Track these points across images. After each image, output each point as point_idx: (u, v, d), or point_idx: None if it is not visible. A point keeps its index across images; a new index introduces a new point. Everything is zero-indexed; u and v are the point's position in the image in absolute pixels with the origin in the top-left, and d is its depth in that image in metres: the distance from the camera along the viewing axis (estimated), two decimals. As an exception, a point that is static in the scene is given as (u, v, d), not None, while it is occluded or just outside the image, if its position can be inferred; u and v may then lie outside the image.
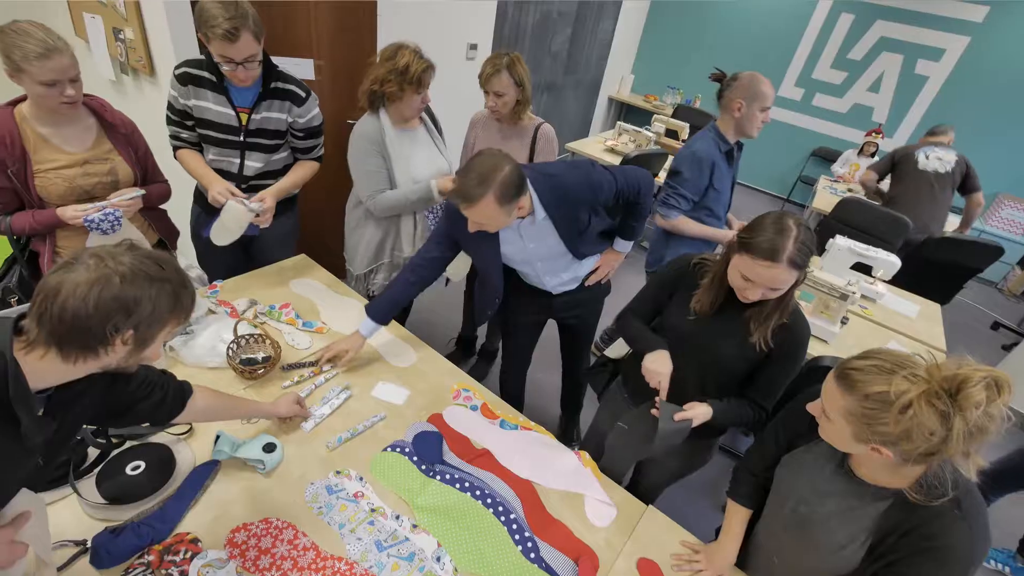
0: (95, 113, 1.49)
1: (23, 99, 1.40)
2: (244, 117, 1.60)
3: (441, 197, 1.82)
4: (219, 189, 1.56)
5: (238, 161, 1.67)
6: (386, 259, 1.94)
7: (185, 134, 1.64)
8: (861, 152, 4.57)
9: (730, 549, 1.15)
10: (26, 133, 1.38)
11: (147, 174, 1.62)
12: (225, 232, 1.61)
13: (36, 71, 1.26)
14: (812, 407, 0.90)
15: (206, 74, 1.54)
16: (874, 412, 0.76)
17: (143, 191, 1.52)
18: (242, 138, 1.63)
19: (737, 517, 1.16)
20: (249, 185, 1.72)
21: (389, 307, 1.53)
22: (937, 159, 3.14)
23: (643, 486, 1.66)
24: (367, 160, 1.72)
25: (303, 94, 1.66)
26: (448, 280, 2.12)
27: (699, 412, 1.21)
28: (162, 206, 1.74)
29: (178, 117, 1.61)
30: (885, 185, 3.55)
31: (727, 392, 1.28)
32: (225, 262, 1.85)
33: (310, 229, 2.21)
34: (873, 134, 4.49)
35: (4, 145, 1.34)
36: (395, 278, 1.59)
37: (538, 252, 1.54)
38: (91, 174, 1.47)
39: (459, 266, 2.09)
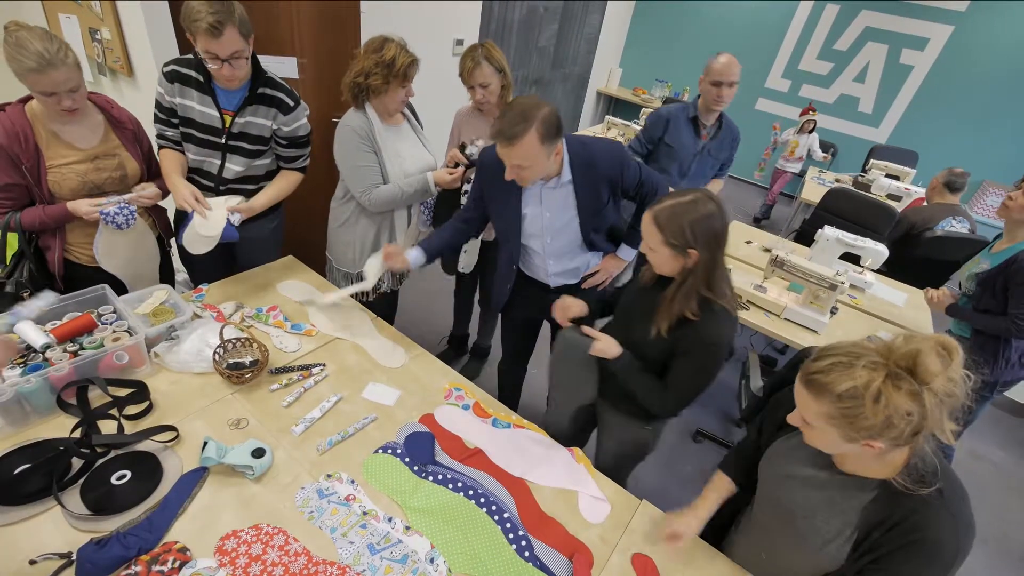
0: (102, 110, 1.53)
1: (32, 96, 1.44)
2: (228, 119, 1.58)
3: (437, 189, 1.81)
4: (184, 196, 1.53)
5: (218, 163, 1.64)
6: None
7: (170, 132, 1.62)
8: (800, 130, 4.72)
9: (695, 515, 1.14)
10: (38, 130, 1.43)
11: (151, 170, 1.65)
12: (198, 241, 1.56)
13: (31, 83, 1.31)
14: (792, 418, 0.89)
15: (193, 73, 1.53)
16: (851, 409, 0.76)
17: (154, 187, 1.58)
18: (224, 140, 1.60)
19: (717, 489, 1.17)
20: (228, 188, 1.69)
21: (440, 245, 1.62)
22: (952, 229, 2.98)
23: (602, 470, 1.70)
24: (359, 155, 1.70)
25: (291, 102, 1.63)
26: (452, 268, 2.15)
27: (608, 341, 1.27)
28: (161, 203, 1.74)
29: (165, 115, 1.59)
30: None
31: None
32: (211, 265, 1.82)
33: (296, 230, 2.18)
34: (809, 112, 4.65)
35: (19, 142, 1.39)
36: (446, 224, 1.66)
37: (552, 225, 1.55)
38: (102, 169, 1.52)
39: (469, 258, 2.09)
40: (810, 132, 4.67)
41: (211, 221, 1.54)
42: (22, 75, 1.29)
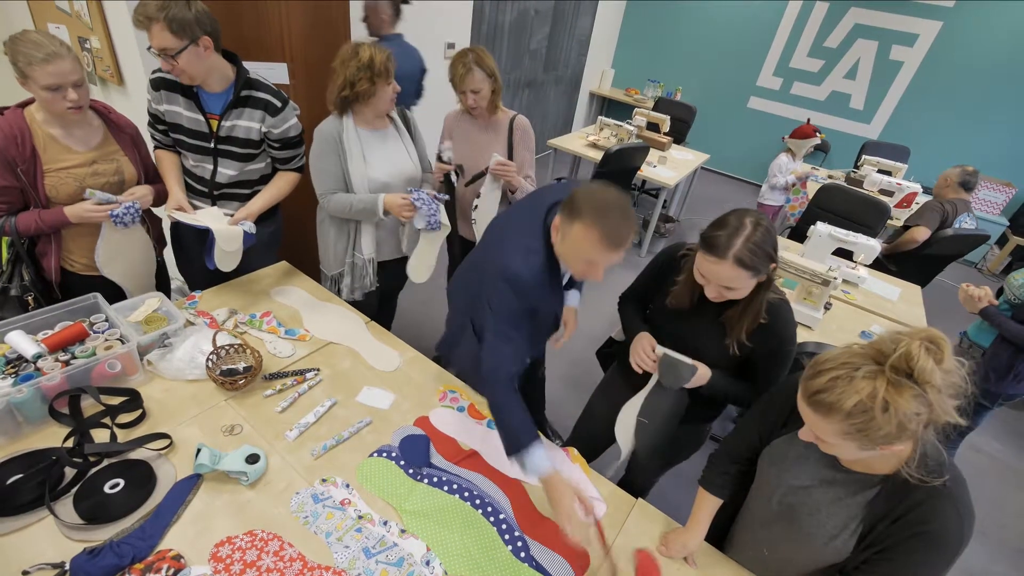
0: (101, 115, 1.54)
1: (32, 101, 1.43)
2: (214, 124, 1.58)
3: (387, 217, 1.77)
4: (170, 207, 1.60)
5: (211, 167, 1.65)
6: (349, 259, 1.90)
7: (158, 136, 1.66)
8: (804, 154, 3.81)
9: (693, 536, 1.15)
10: (36, 133, 1.42)
11: (149, 174, 1.66)
12: (227, 257, 1.61)
13: (39, 75, 1.31)
14: (804, 434, 0.88)
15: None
16: (864, 423, 0.75)
17: (146, 190, 1.59)
18: (213, 144, 1.61)
19: (707, 507, 1.17)
20: (222, 193, 1.70)
21: (530, 421, 1.17)
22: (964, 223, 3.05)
23: (636, 474, 1.67)
24: (322, 158, 1.70)
25: (278, 103, 1.63)
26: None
27: (703, 367, 1.24)
28: (155, 211, 1.76)
29: (152, 119, 1.64)
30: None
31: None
32: (205, 271, 1.82)
33: (291, 236, 2.18)
34: (817, 134, 3.70)
35: (15, 144, 1.38)
36: (506, 398, 1.17)
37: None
38: (99, 174, 1.52)
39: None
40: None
41: (230, 236, 1.58)
42: (29, 67, 1.30)
